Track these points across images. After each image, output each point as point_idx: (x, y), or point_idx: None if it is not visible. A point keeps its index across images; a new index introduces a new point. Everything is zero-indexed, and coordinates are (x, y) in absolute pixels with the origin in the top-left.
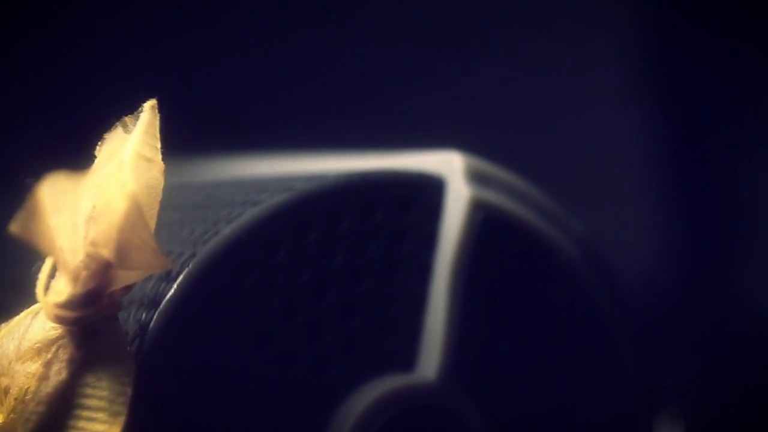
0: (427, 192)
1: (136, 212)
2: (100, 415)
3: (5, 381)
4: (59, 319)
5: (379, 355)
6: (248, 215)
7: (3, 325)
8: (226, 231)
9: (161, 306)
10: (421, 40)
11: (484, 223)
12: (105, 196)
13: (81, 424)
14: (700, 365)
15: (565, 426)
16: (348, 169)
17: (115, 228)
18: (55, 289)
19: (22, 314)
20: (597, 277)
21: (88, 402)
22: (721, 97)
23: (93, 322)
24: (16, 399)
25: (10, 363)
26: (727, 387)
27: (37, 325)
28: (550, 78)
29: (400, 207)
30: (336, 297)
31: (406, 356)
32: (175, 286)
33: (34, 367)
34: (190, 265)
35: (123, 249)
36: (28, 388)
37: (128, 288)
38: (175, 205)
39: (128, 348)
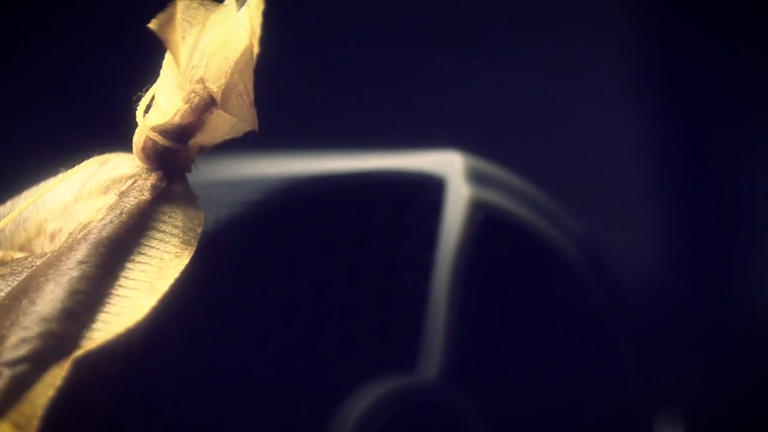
0: (427, 192)
1: (248, 59)
2: (173, 240)
3: (54, 225)
4: (148, 147)
5: (379, 355)
6: (248, 215)
7: (60, 175)
8: (227, 231)
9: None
10: (422, 39)
11: (484, 223)
12: (224, 36)
13: (154, 243)
14: (700, 365)
15: (565, 426)
16: (348, 169)
17: (227, 68)
18: (156, 111)
19: (85, 163)
20: (597, 277)
21: (163, 227)
22: (721, 97)
23: (172, 165)
24: (71, 233)
25: (65, 207)
26: (727, 387)
27: (108, 168)
28: (551, 78)
29: (400, 207)
30: (336, 297)
31: (406, 356)
32: None
33: (104, 200)
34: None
35: (228, 90)
36: (92, 221)
37: (202, 150)
38: None
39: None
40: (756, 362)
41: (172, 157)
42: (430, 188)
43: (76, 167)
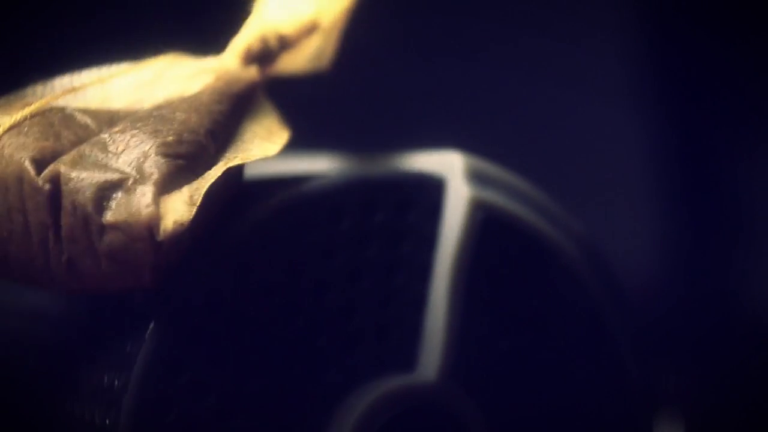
0: (427, 192)
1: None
2: (273, 119)
3: (126, 98)
4: (255, 46)
5: (379, 355)
6: (248, 215)
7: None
8: (227, 231)
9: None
10: (421, 39)
11: (484, 223)
12: None
13: (260, 115)
14: (700, 365)
15: (565, 426)
16: (348, 169)
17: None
18: (281, 14)
19: (154, 59)
20: (597, 277)
21: (263, 107)
22: (721, 97)
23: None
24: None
25: (140, 85)
26: (727, 387)
27: (185, 64)
28: (550, 78)
29: (400, 207)
30: (336, 297)
31: (406, 356)
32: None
33: (190, 84)
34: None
35: (334, 24)
36: (182, 94)
37: (268, 77)
38: None
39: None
40: (756, 362)
41: (264, 64)
42: (430, 188)
43: (146, 61)
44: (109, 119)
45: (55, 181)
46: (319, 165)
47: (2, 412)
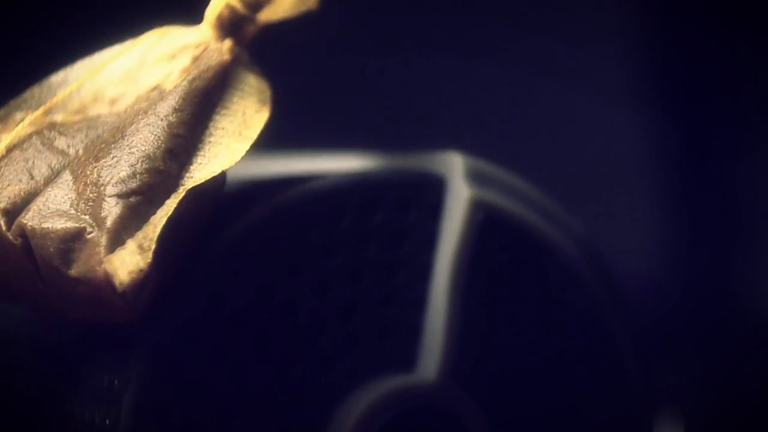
0: (427, 192)
1: None
2: (251, 98)
3: (114, 91)
4: (224, 14)
5: (379, 355)
6: (249, 215)
7: (116, 47)
8: (227, 231)
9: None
10: (422, 40)
11: (484, 223)
12: None
13: (235, 99)
14: (700, 365)
15: (565, 425)
16: (348, 169)
17: None
18: None
19: (144, 36)
20: (597, 277)
21: (241, 86)
22: (721, 98)
23: (239, 35)
24: (139, 96)
25: (126, 73)
26: (727, 387)
27: (170, 38)
28: (551, 78)
29: (401, 207)
30: (336, 297)
31: (406, 356)
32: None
33: (172, 65)
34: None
35: None
36: (161, 83)
37: (257, 28)
38: None
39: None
40: (756, 362)
41: (242, 27)
42: (430, 188)
43: (135, 39)
44: (86, 133)
45: (24, 235)
46: (319, 165)
47: (2, 412)
